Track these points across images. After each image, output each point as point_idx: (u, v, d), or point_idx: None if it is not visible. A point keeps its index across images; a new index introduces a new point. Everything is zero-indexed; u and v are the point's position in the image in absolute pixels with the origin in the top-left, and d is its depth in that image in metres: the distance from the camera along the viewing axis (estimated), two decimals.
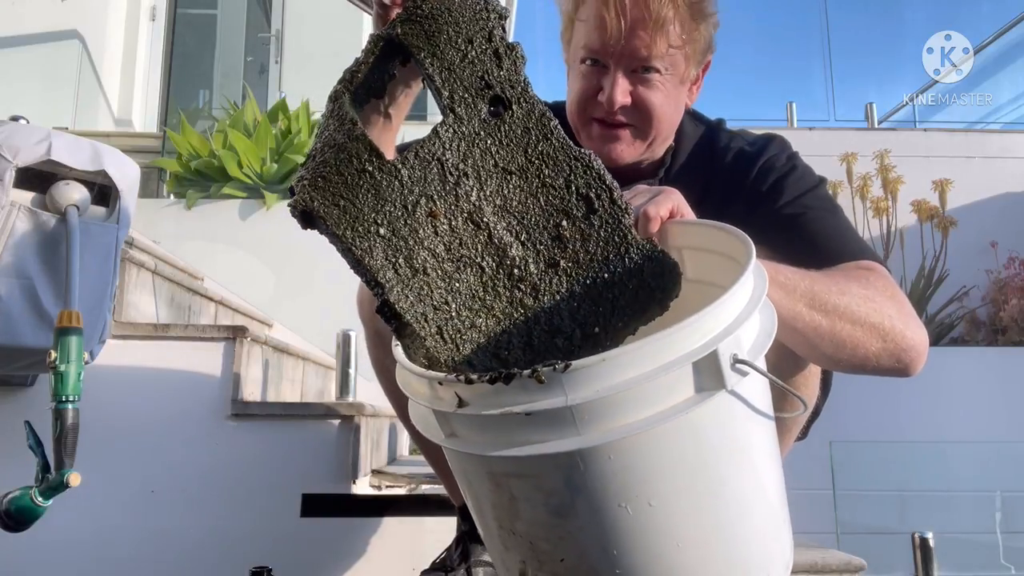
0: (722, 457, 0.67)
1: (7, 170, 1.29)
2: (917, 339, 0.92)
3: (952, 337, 3.86)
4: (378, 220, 0.74)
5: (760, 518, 0.72)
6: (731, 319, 0.65)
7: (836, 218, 1.09)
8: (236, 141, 3.57)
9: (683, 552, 0.66)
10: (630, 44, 1.02)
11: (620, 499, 0.63)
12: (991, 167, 4.55)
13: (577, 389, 0.60)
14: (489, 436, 0.66)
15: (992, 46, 5.44)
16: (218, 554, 1.62)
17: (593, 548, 0.67)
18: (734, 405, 0.65)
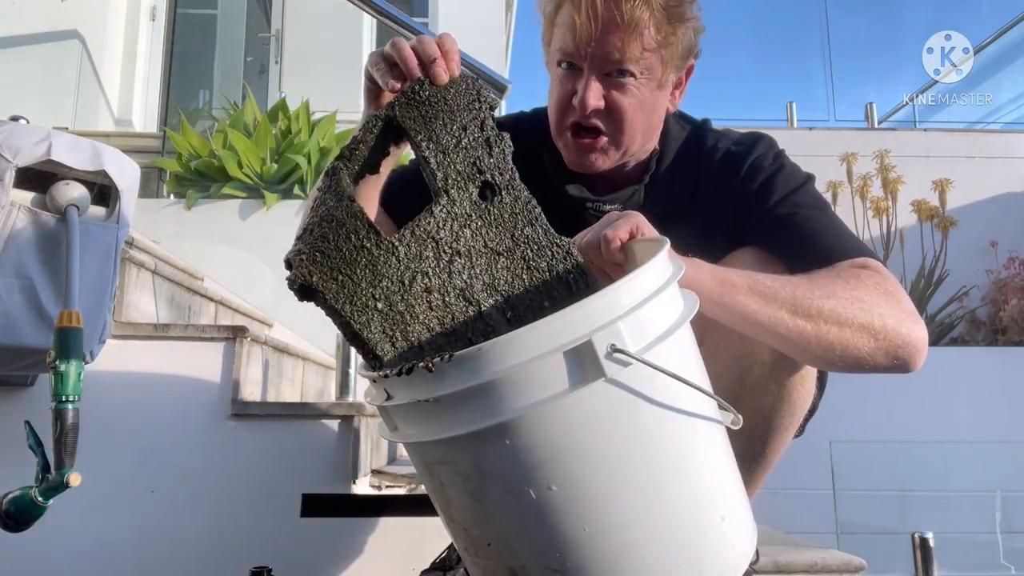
0: (616, 445, 0.70)
1: (7, 170, 1.29)
2: (913, 335, 0.92)
3: (952, 337, 3.86)
4: (375, 295, 0.78)
5: (683, 511, 0.73)
6: (613, 311, 0.68)
7: (827, 216, 1.09)
8: (236, 141, 3.57)
9: (594, 537, 0.70)
10: (602, 47, 1.02)
11: (522, 482, 0.69)
12: (991, 167, 4.55)
13: (462, 377, 0.66)
14: (415, 427, 0.73)
15: (992, 46, 5.44)
16: (218, 554, 1.62)
17: (510, 531, 0.73)
18: (622, 394, 0.68)
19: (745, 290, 0.89)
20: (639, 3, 1.00)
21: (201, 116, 5.62)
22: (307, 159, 3.59)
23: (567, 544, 0.70)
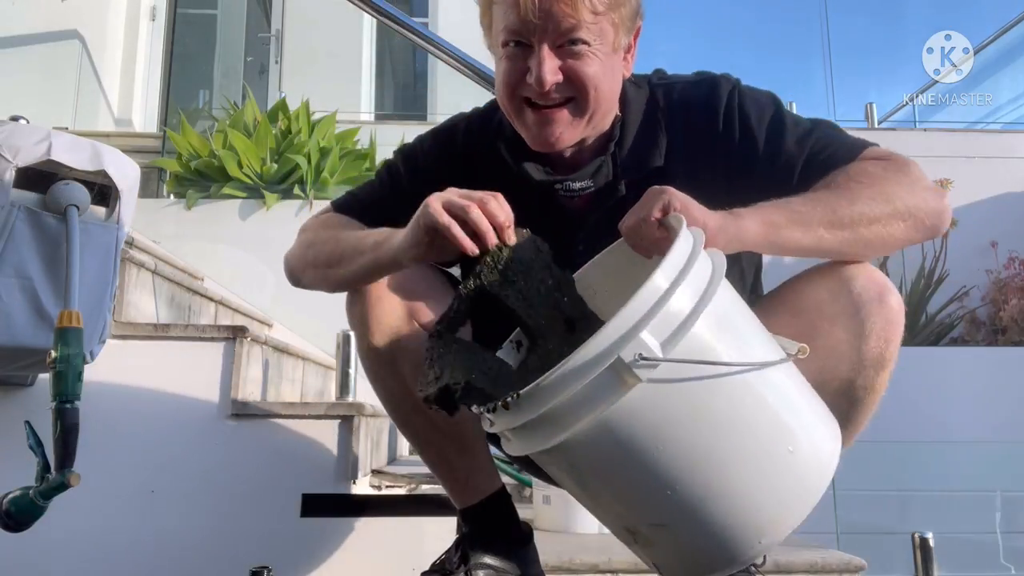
0: (674, 423, 0.83)
1: (7, 170, 1.29)
2: (932, 204, 1.01)
3: (952, 337, 3.86)
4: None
5: (751, 456, 0.86)
6: (629, 325, 0.79)
7: (813, 132, 1.11)
8: (236, 141, 3.57)
9: (680, 495, 0.84)
10: (551, 17, 0.98)
11: (609, 471, 0.85)
12: (991, 167, 4.55)
13: (531, 408, 0.82)
14: (517, 442, 0.89)
15: (992, 46, 5.44)
16: (218, 554, 1.62)
17: (611, 503, 0.93)
18: (665, 386, 0.80)
19: (786, 224, 0.96)
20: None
21: (201, 116, 5.62)
22: (307, 159, 3.59)
23: (659, 505, 0.85)
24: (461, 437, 1.21)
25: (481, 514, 1.24)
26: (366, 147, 3.92)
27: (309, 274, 1.19)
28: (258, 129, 3.68)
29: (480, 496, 1.24)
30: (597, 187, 1.12)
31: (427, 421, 1.20)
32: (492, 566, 1.20)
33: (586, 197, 1.14)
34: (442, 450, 1.23)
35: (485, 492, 1.24)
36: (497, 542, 1.22)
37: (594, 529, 2.30)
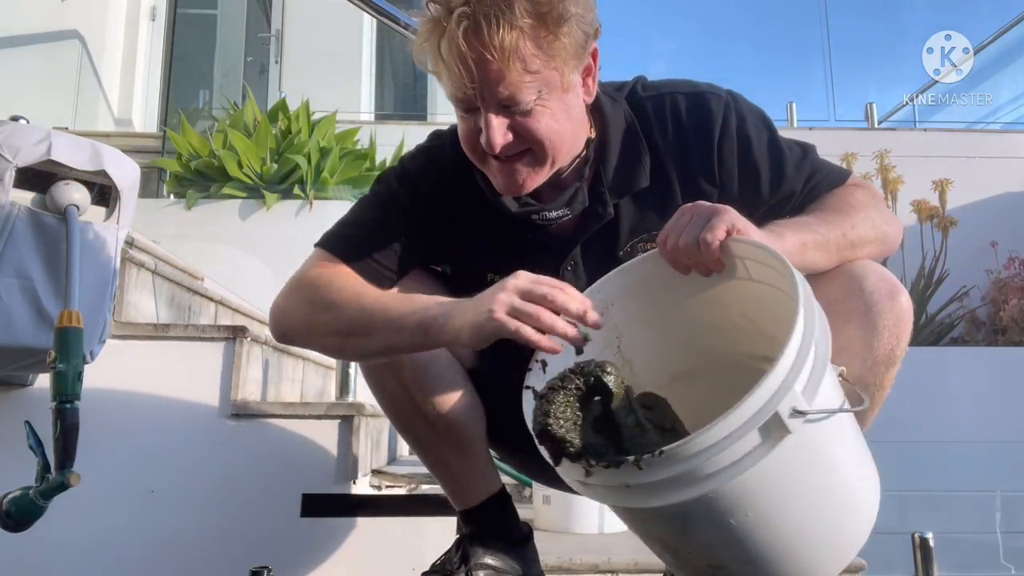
0: (801, 470, 0.85)
1: (7, 170, 1.29)
2: (894, 230, 1.13)
3: (952, 337, 3.86)
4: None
5: (841, 486, 0.91)
6: (784, 378, 0.79)
7: (805, 159, 1.15)
8: (236, 141, 3.57)
9: (778, 537, 0.87)
10: (486, 86, 0.96)
11: (725, 516, 0.83)
12: (991, 167, 4.55)
13: (669, 466, 0.80)
14: (613, 494, 0.87)
15: (992, 46, 5.44)
16: (218, 554, 1.62)
17: (708, 545, 0.89)
18: (801, 438, 0.81)
19: (812, 245, 1.02)
20: (504, 28, 0.93)
21: (201, 116, 5.62)
22: (307, 159, 3.59)
23: (757, 546, 0.86)
24: (461, 440, 1.21)
25: (482, 515, 1.24)
26: (366, 147, 3.92)
27: (319, 340, 1.13)
28: (258, 129, 3.68)
29: (481, 497, 1.24)
30: (574, 213, 1.12)
31: (427, 425, 1.20)
32: (492, 566, 1.20)
33: (570, 222, 1.13)
34: (442, 453, 1.23)
35: (486, 493, 1.24)
36: (497, 542, 1.23)
37: (594, 529, 2.31)
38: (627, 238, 1.14)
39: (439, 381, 1.19)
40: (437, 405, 1.19)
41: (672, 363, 1.08)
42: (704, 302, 1.03)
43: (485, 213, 1.16)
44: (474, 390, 1.23)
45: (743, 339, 1.05)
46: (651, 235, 1.13)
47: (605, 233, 1.14)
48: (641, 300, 1.04)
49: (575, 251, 1.14)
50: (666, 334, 1.06)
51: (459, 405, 1.20)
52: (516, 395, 1.24)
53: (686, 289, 1.01)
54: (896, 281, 1.07)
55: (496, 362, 1.23)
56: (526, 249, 1.16)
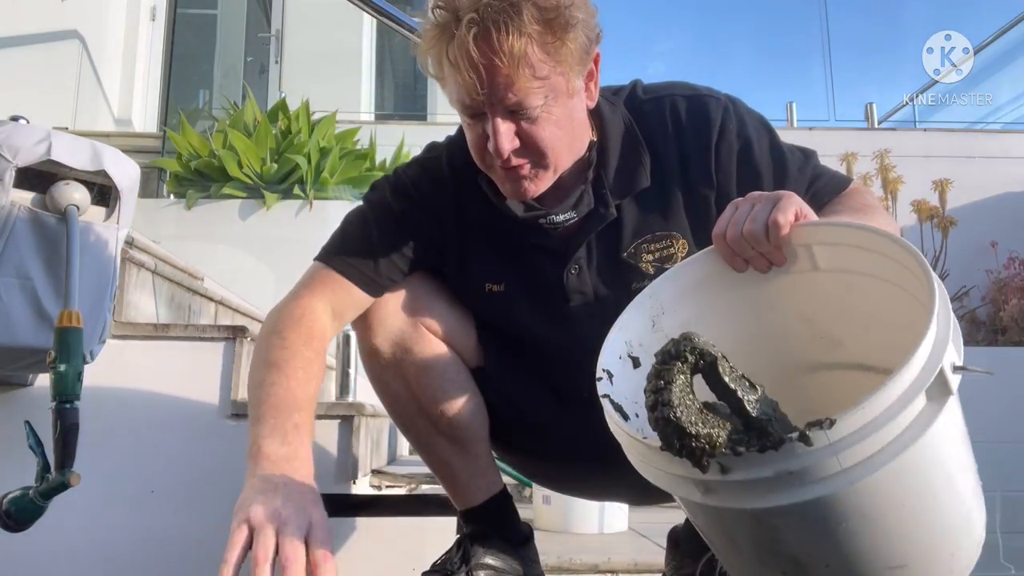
0: (953, 445, 0.78)
1: (7, 170, 1.29)
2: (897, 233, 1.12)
3: None
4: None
5: (972, 475, 0.84)
6: (938, 334, 0.74)
7: (806, 165, 1.14)
8: (236, 141, 3.57)
9: (927, 530, 0.80)
10: (494, 92, 0.97)
11: (881, 509, 0.74)
12: (991, 167, 4.55)
13: (840, 439, 0.70)
14: (754, 490, 0.75)
15: (992, 46, 5.44)
16: (218, 554, 1.62)
17: (856, 550, 0.77)
18: (955, 401, 0.75)
19: None
20: (514, 35, 0.94)
21: (201, 116, 5.62)
22: (307, 159, 3.59)
23: (907, 544, 0.78)
24: (464, 440, 1.21)
25: (483, 515, 1.24)
26: (366, 147, 3.92)
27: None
28: (258, 129, 3.68)
29: (482, 498, 1.24)
30: (580, 216, 1.12)
31: (430, 424, 1.20)
32: (493, 566, 1.20)
33: (573, 225, 1.13)
34: (444, 453, 1.23)
35: (487, 494, 1.24)
36: (498, 542, 1.23)
37: (594, 529, 2.31)
38: (630, 240, 1.14)
39: (442, 380, 1.19)
40: (440, 404, 1.19)
41: None
42: (756, 306, 0.98)
43: (483, 222, 1.16)
44: (477, 390, 1.23)
45: (795, 345, 1.00)
46: (654, 236, 1.13)
47: (608, 235, 1.14)
48: (691, 306, 0.99)
49: (578, 254, 1.14)
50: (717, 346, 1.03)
51: (462, 404, 1.20)
52: (520, 395, 1.24)
53: (737, 293, 0.97)
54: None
55: (501, 362, 1.24)
56: (527, 256, 1.16)
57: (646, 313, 0.98)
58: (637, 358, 0.96)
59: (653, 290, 0.99)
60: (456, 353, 1.21)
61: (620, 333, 0.97)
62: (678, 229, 1.13)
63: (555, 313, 1.15)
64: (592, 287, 1.14)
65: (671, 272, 1.00)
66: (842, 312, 0.95)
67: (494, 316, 1.21)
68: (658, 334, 0.97)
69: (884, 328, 0.92)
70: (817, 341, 0.99)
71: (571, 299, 1.14)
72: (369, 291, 1.15)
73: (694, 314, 0.99)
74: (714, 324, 0.99)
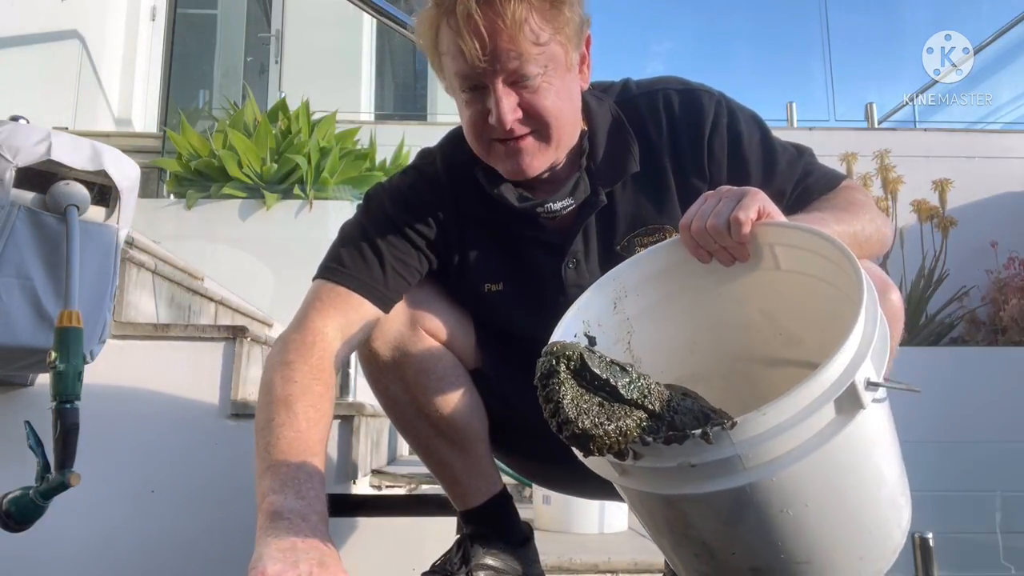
0: (863, 455, 0.82)
1: (7, 170, 1.29)
2: (889, 232, 1.13)
3: (952, 337, 3.86)
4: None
5: (889, 487, 0.88)
6: (856, 348, 0.76)
7: (800, 160, 1.15)
8: (236, 141, 3.57)
9: (832, 530, 0.83)
10: (497, 58, 0.98)
11: (783, 507, 0.78)
12: (991, 167, 4.55)
13: (742, 440, 0.74)
14: (663, 477, 0.80)
15: (992, 46, 5.44)
16: (218, 554, 1.62)
17: (759, 541, 0.82)
18: (868, 414, 0.77)
19: None
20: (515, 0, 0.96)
21: (201, 116, 5.62)
22: (307, 159, 3.59)
23: (809, 542, 0.82)
24: (463, 441, 1.21)
25: (483, 515, 1.24)
26: (366, 147, 3.92)
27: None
28: (258, 129, 3.68)
29: (482, 498, 1.24)
30: (577, 203, 1.12)
31: (429, 425, 1.20)
32: (493, 567, 1.20)
33: (567, 216, 1.13)
34: (444, 454, 1.23)
35: (487, 494, 1.24)
36: (498, 543, 1.23)
37: (594, 529, 2.31)
38: (624, 232, 1.14)
39: (442, 382, 1.19)
40: (439, 405, 1.19)
41: (677, 366, 1.05)
42: (720, 297, 1.00)
43: (481, 219, 1.16)
44: (476, 391, 1.23)
45: (756, 338, 1.03)
46: (648, 229, 1.13)
47: (604, 228, 1.14)
48: (655, 292, 1.02)
49: (575, 248, 1.14)
50: (676, 332, 1.04)
51: (461, 406, 1.20)
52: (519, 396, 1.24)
53: (702, 282, 0.99)
54: (887, 278, 1.08)
55: (499, 363, 1.23)
56: (524, 252, 1.16)
57: (608, 295, 1.01)
58: (594, 337, 0.98)
59: (617, 272, 1.01)
60: (455, 355, 1.21)
61: (579, 312, 0.99)
62: (671, 222, 1.13)
63: (553, 309, 1.15)
64: (590, 280, 1.14)
65: (637, 257, 1.02)
66: (801, 312, 0.97)
67: (493, 315, 1.21)
68: (619, 316, 1.01)
69: (836, 330, 0.94)
70: (778, 337, 1.01)
71: (569, 293, 1.14)
72: (381, 305, 1.12)
73: (657, 300, 1.02)
74: (676, 311, 1.02)
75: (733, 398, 1.00)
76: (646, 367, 1.01)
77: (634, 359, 1.03)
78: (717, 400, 0.94)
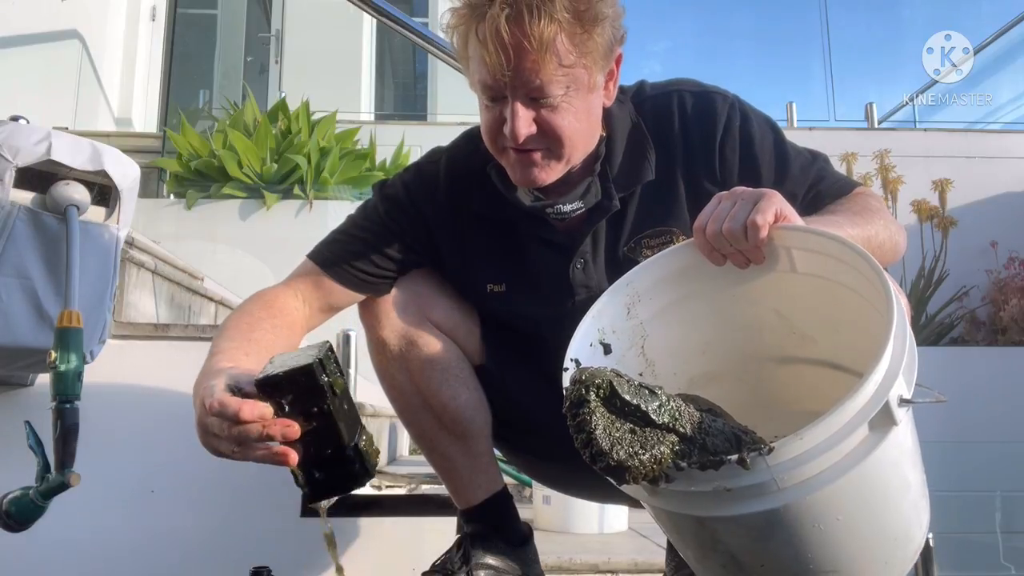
0: (892, 468, 0.81)
1: (7, 170, 1.29)
2: (903, 240, 1.13)
3: (952, 337, 3.86)
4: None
5: (913, 492, 0.88)
6: (888, 366, 0.75)
7: (813, 164, 1.14)
8: (236, 141, 3.57)
9: (860, 541, 0.82)
10: (519, 74, 0.98)
11: (815, 523, 0.77)
12: (991, 167, 4.55)
13: (778, 464, 0.74)
14: (697, 499, 0.79)
15: (992, 46, 5.43)
16: (218, 554, 1.62)
17: (790, 557, 0.81)
18: (899, 429, 0.77)
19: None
20: (545, 20, 0.95)
21: (201, 116, 5.62)
22: (307, 159, 3.59)
23: (837, 553, 0.81)
24: (466, 436, 1.22)
25: (483, 514, 1.24)
26: (366, 147, 3.92)
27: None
28: (258, 129, 3.68)
29: (483, 496, 1.24)
30: (588, 207, 1.12)
31: (433, 419, 1.21)
32: (493, 566, 1.20)
33: (577, 218, 1.13)
34: (448, 451, 1.23)
35: (488, 492, 1.24)
36: (498, 542, 1.23)
37: (594, 529, 2.31)
38: (632, 233, 1.14)
39: (448, 376, 1.20)
40: (444, 398, 1.19)
41: (692, 366, 1.05)
42: (733, 298, 0.99)
43: (487, 218, 1.16)
44: (480, 386, 1.23)
45: (769, 338, 1.02)
46: (655, 231, 1.13)
47: (613, 230, 1.14)
48: (668, 295, 1.01)
49: (583, 248, 1.14)
50: (689, 334, 1.03)
51: (465, 400, 1.21)
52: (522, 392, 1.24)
53: (715, 284, 0.98)
54: (895, 284, 1.07)
55: (504, 360, 1.24)
56: (531, 252, 1.16)
57: (621, 301, 1.00)
58: (608, 344, 0.98)
59: (630, 278, 1.01)
60: (460, 349, 1.22)
61: (594, 320, 0.99)
62: (679, 224, 1.13)
63: (560, 309, 1.15)
64: (597, 282, 1.14)
65: (650, 261, 1.01)
66: (816, 313, 0.96)
67: (497, 314, 1.22)
68: (633, 321, 1.00)
69: (854, 332, 0.94)
70: (791, 336, 1.01)
71: (577, 293, 1.14)
72: (348, 286, 1.17)
73: (670, 303, 1.01)
74: (690, 313, 1.01)
75: (746, 396, 1.00)
76: (660, 369, 1.02)
77: (648, 362, 1.02)
78: (731, 399, 0.94)
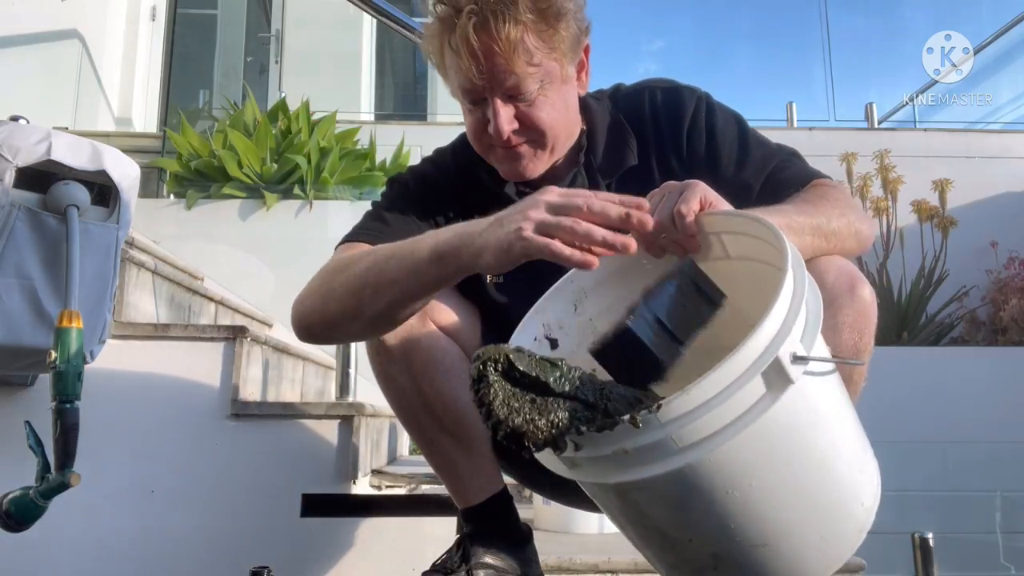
0: (804, 431, 0.81)
1: (7, 170, 1.29)
2: (868, 229, 1.12)
3: (952, 337, 3.86)
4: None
5: (843, 462, 0.87)
6: (781, 323, 0.77)
7: (774, 154, 1.18)
8: (236, 141, 3.57)
9: (784, 511, 0.82)
10: (493, 76, 1.04)
11: (727, 488, 0.78)
12: (991, 167, 4.55)
13: (670, 421, 0.74)
14: (606, 466, 0.81)
15: (992, 46, 5.43)
16: (218, 554, 1.62)
17: (713, 526, 0.82)
18: (802, 389, 0.77)
19: (787, 230, 0.98)
20: (510, 23, 1.01)
21: (201, 116, 5.61)
22: (307, 159, 3.59)
23: (762, 524, 0.81)
24: (467, 438, 1.22)
25: (483, 514, 1.24)
26: (366, 147, 3.92)
27: (335, 309, 1.04)
28: (258, 129, 3.68)
29: (483, 496, 1.24)
30: None
31: (434, 419, 1.21)
32: (493, 566, 1.20)
33: None
34: (448, 450, 1.23)
35: (488, 492, 1.24)
36: (498, 542, 1.23)
37: (594, 529, 2.30)
38: None
39: (448, 375, 1.20)
40: (445, 399, 1.19)
41: None
42: None
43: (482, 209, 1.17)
44: None
45: (720, 328, 1.03)
46: None
47: None
48: (615, 290, 1.02)
49: None
50: None
51: (466, 401, 1.20)
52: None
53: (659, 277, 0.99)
54: (857, 273, 1.07)
55: None
56: None
57: (567, 297, 1.03)
58: (555, 339, 1.01)
59: (573, 275, 1.03)
60: (462, 349, 1.22)
61: (537, 316, 1.02)
62: None
63: None
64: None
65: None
66: (756, 297, 0.96)
67: (496, 308, 1.22)
68: (581, 317, 1.02)
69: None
70: (740, 325, 1.00)
71: None
72: None
73: (615, 300, 1.02)
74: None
75: None
76: None
77: None
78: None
